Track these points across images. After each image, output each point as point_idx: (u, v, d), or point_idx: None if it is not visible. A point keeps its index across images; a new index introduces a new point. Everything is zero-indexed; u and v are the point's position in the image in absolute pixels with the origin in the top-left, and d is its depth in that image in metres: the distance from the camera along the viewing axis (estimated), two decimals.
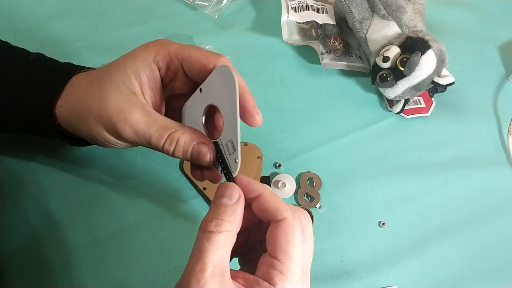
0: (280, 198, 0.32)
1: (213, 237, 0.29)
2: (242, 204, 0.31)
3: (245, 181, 0.32)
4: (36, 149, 0.49)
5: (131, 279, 0.44)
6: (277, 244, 0.30)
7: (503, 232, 0.49)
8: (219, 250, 0.29)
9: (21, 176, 0.48)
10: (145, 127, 0.35)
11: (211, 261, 0.28)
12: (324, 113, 0.56)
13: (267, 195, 0.32)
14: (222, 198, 0.31)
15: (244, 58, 0.60)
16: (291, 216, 0.31)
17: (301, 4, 0.63)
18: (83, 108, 0.37)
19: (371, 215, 0.49)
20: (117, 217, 0.47)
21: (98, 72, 0.38)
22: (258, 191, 0.32)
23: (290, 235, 0.30)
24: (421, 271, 0.46)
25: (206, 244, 0.29)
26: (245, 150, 0.51)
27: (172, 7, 0.64)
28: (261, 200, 0.31)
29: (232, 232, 0.30)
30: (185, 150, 0.35)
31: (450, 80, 0.55)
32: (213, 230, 0.29)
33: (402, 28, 0.56)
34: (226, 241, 0.29)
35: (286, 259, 0.30)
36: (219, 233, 0.29)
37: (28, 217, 0.46)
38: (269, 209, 0.31)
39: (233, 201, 0.31)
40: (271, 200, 0.31)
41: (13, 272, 0.43)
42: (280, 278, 0.29)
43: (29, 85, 0.40)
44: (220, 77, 0.34)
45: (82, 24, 0.61)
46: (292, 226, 0.30)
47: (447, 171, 0.53)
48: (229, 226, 0.30)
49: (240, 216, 0.31)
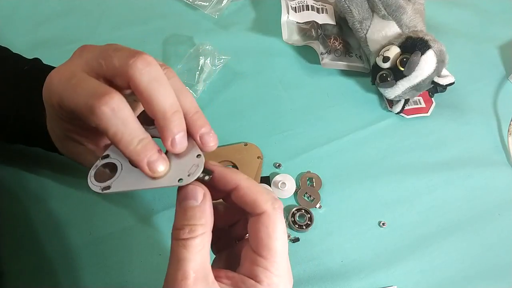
0: (259, 186, 0.30)
1: (189, 244, 0.28)
2: (209, 200, 0.29)
3: (218, 172, 0.30)
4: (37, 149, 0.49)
5: (131, 279, 0.44)
6: (259, 239, 0.29)
7: (503, 232, 0.49)
8: (197, 254, 0.28)
9: (21, 176, 0.48)
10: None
11: (191, 268, 0.27)
12: (324, 113, 0.57)
13: (244, 187, 0.30)
14: (187, 201, 0.29)
15: (244, 58, 0.60)
16: (270, 208, 0.29)
17: (301, 4, 0.63)
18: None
19: (371, 215, 0.49)
20: (117, 217, 0.47)
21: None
22: (234, 183, 0.30)
23: (271, 229, 0.29)
24: (421, 271, 0.46)
25: (183, 252, 0.27)
26: (245, 150, 0.51)
27: (172, 7, 0.64)
28: (238, 192, 0.30)
29: (207, 233, 0.29)
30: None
31: (450, 80, 0.55)
32: (187, 237, 0.28)
33: (402, 28, 0.56)
34: (202, 244, 0.28)
35: (269, 254, 0.29)
36: (194, 238, 0.28)
37: (29, 217, 0.46)
38: (247, 202, 0.30)
39: (199, 200, 0.29)
40: (249, 192, 0.30)
41: (13, 272, 0.43)
42: (265, 274, 0.29)
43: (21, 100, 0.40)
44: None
45: (82, 24, 0.61)
46: (272, 219, 0.29)
47: (447, 171, 0.53)
48: (202, 229, 0.28)
49: (210, 213, 0.29)
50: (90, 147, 0.36)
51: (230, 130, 0.53)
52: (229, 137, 0.52)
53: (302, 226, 0.47)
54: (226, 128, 0.53)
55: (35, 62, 0.43)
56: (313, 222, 0.48)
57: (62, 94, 0.30)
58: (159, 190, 0.48)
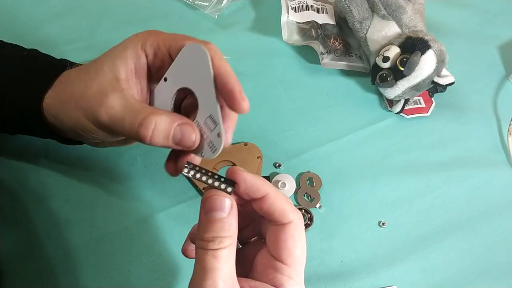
0: (285, 196, 0.31)
1: (218, 254, 0.28)
2: (236, 211, 0.30)
3: (250, 179, 0.30)
4: (37, 149, 0.49)
5: (131, 279, 0.44)
6: (284, 248, 0.29)
7: (503, 232, 0.49)
8: (226, 264, 0.28)
9: (21, 176, 0.48)
10: (120, 111, 0.33)
11: (220, 277, 0.27)
12: (324, 113, 0.56)
13: (273, 196, 0.30)
14: (215, 212, 0.29)
15: (244, 58, 0.60)
16: (297, 218, 0.30)
17: (301, 4, 0.63)
18: (67, 95, 0.36)
19: (371, 215, 0.49)
20: (117, 217, 0.47)
21: (89, 63, 0.38)
22: (264, 191, 0.30)
23: (297, 238, 0.30)
24: (421, 271, 0.46)
25: (212, 261, 0.28)
26: (245, 150, 0.51)
27: (172, 7, 0.64)
28: (267, 201, 0.30)
29: (234, 244, 0.29)
30: (166, 133, 0.32)
31: (450, 80, 0.55)
32: (216, 248, 0.28)
33: (402, 28, 0.56)
34: (230, 254, 0.28)
35: (293, 262, 0.29)
36: (223, 249, 0.28)
37: (29, 217, 0.46)
38: (275, 211, 0.30)
39: (227, 212, 0.29)
40: (278, 202, 0.30)
41: (13, 272, 0.43)
42: (289, 283, 0.29)
43: (19, 80, 0.39)
44: (189, 55, 0.33)
45: (81, 24, 0.61)
46: (298, 229, 0.30)
47: (447, 171, 0.53)
48: (230, 240, 0.29)
49: (236, 224, 0.29)
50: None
51: None
52: None
53: None
54: None
55: (34, 50, 0.43)
56: (313, 222, 0.48)
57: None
58: (159, 191, 0.48)
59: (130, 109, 0.33)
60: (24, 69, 0.40)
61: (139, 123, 0.32)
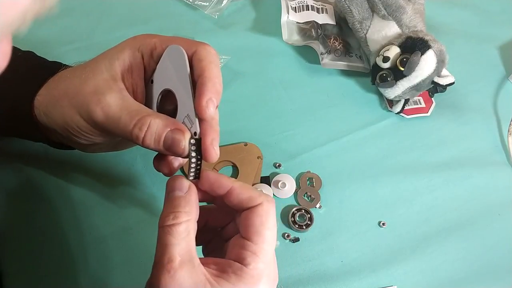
0: (250, 186, 0.33)
1: (173, 230, 0.30)
2: (195, 193, 0.32)
3: (213, 177, 0.33)
4: (37, 149, 0.49)
5: (131, 279, 0.44)
6: (251, 226, 0.31)
7: (503, 232, 0.49)
8: (183, 240, 0.29)
9: (21, 176, 0.48)
10: (117, 110, 0.33)
11: (177, 252, 0.29)
12: (324, 113, 0.56)
13: (238, 187, 0.32)
14: (173, 192, 0.31)
15: (244, 58, 0.60)
16: (265, 200, 0.32)
17: (301, 4, 0.63)
18: (61, 92, 0.36)
19: (371, 215, 0.49)
20: (117, 217, 0.47)
21: (85, 63, 0.38)
22: (227, 186, 0.32)
23: (264, 218, 0.31)
24: (421, 271, 0.46)
25: (169, 238, 0.29)
26: (245, 150, 0.51)
27: (172, 7, 0.64)
28: (233, 193, 0.32)
29: (192, 221, 0.31)
30: (157, 137, 0.33)
31: (450, 80, 0.55)
32: (171, 223, 0.30)
33: (402, 28, 0.56)
34: (187, 231, 0.30)
35: (259, 240, 0.30)
36: (178, 224, 0.30)
37: (28, 217, 0.46)
38: (243, 199, 0.32)
39: (184, 191, 0.31)
40: (244, 191, 0.32)
41: (13, 272, 0.43)
42: (253, 258, 0.30)
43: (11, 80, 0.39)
44: (170, 57, 0.34)
45: (81, 24, 0.61)
46: (266, 210, 0.31)
47: (447, 171, 0.53)
48: (186, 216, 0.30)
49: (196, 204, 0.31)
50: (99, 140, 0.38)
51: (230, 130, 0.53)
52: (229, 137, 0.52)
53: (302, 226, 0.47)
54: (226, 128, 0.52)
55: (29, 52, 0.43)
56: (313, 222, 0.48)
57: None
58: (158, 191, 0.48)
59: (127, 109, 0.34)
60: (17, 70, 0.40)
61: (134, 124, 0.33)
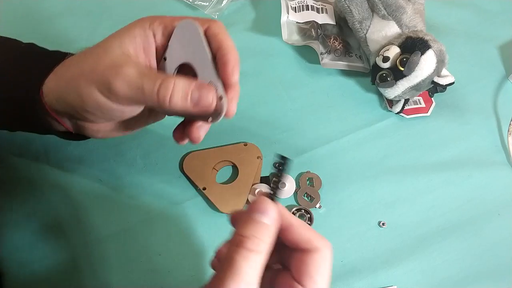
0: (309, 226, 0.32)
1: (251, 257, 0.28)
2: (278, 226, 0.30)
3: (281, 209, 0.31)
4: (36, 149, 0.49)
5: (131, 279, 0.44)
6: (306, 272, 0.30)
7: (503, 232, 0.49)
8: (254, 271, 0.28)
9: (21, 176, 0.48)
10: (137, 79, 0.34)
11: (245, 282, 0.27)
12: (324, 113, 0.56)
13: (298, 226, 0.31)
14: (261, 215, 0.29)
15: (244, 58, 0.59)
16: (324, 246, 0.30)
17: (301, 4, 0.63)
18: (74, 74, 0.36)
19: (371, 215, 0.49)
20: (117, 217, 0.47)
21: (94, 45, 0.38)
22: (289, 222, 0.31)
23: (321, 265, 0.30)
24: (421, 271, 0.46)
25: (242, 263, 0.27)
26: (245, 150, 0.51)
27: (172, 7, 0.64)
28: (293, 231, 0.31)
29: (265, 256, 0.29)
30: (184, 94, 0.33)
31: (450, 80, 0.55)
32: (252, 249, 0.28)
33: (402, 28, 0.56)
34: (260, 264, 0.28)
35: (311, 286, 0.29)
36: (258, 253, 0.28)
37: (28, 217, 0.46)
38: (302, 240, 0.30)
39: (272, 222, 0.29)
40: (304, 231, 0.31)
41: (13, 272, 0.43)
42: None
43: (16, 70, 0.39)
44: (183, 32, 0.35)
45: (82, 24, 0.61)
46: (324, 257, 0.30)
47: (447, 171, 0.53)
48: (264, 247, 0.29)
49: (274, 239, 0.30)
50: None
51: (230, 130, 0.53)
52: (229, 137, 0.52)
53: None
54: (226, 128, 0.52)
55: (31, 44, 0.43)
56: (313, 222, 0.48)
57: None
58: (158, 191, 0.48)
59: (147, 76, 0.34)
60: (22, 59, 0.40)
61: (159, 85, 0.33)
